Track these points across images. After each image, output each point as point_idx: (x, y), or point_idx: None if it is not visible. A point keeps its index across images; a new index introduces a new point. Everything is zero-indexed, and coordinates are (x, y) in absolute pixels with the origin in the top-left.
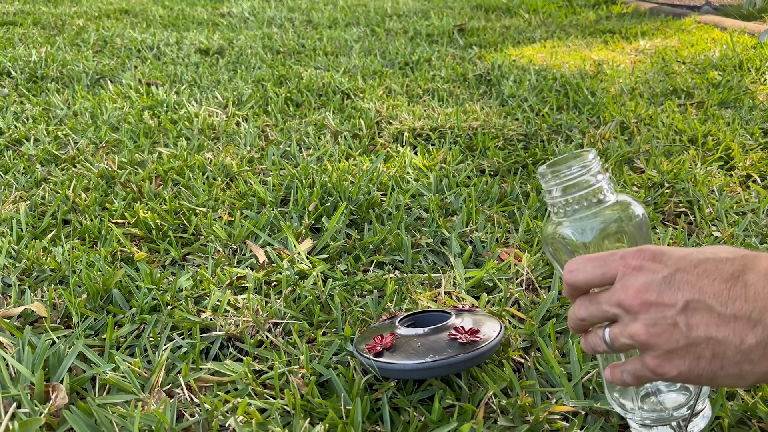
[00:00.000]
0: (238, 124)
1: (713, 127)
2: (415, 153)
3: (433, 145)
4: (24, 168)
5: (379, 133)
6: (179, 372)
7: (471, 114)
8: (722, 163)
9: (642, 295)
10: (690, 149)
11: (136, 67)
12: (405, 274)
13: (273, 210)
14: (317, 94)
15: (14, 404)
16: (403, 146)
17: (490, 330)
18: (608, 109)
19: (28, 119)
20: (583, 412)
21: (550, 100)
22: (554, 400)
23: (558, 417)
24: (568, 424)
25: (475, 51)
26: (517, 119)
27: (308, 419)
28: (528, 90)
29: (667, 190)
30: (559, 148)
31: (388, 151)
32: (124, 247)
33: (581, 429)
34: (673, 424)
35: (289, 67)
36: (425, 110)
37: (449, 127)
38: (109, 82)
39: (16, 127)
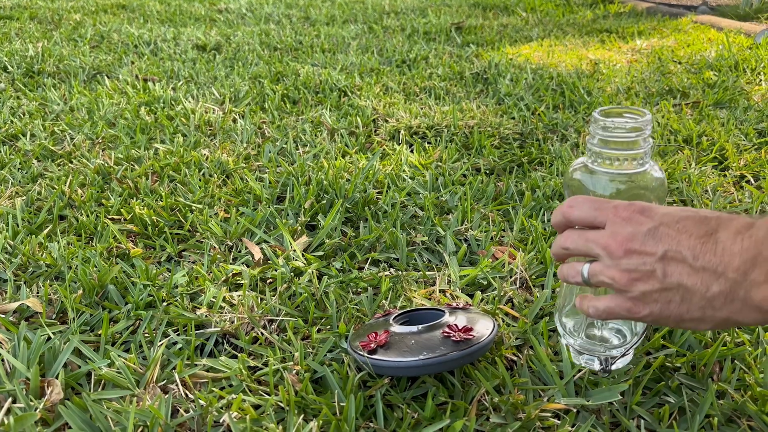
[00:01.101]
0: (234, 120)
1: (708, 127)
2: (411, 151)
3: (429, 143)
4: (20, 163)
5: (375, 131)
6: (174, 368)
7: (467, 112)
8: (716, 163)
9: (627, 243)
10: (685, 149)
11: (133, 62)
12: (400, 272)
13: (269, 207)
14: (314, 92)
15: (9, 399)
16: (399, 144)
17: (484, 328)
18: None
19: (24, 114)
20: (575, 410)
21: (546, 99)
22: (546, 398)
23: (550, 414)
24: (559, 422)
25: (473, 49)
26: (513, 118)
27: (302, 415)
28: (524, 89)
29: None
30: (554, 147)
31: (384, 149)
32: (119, 243)
33: (572, 426)
34: (602, 358)
35: (286, 64)
36: (422, 108)
37: (446, 125)
38: (105, 77)
39: (12, 122)
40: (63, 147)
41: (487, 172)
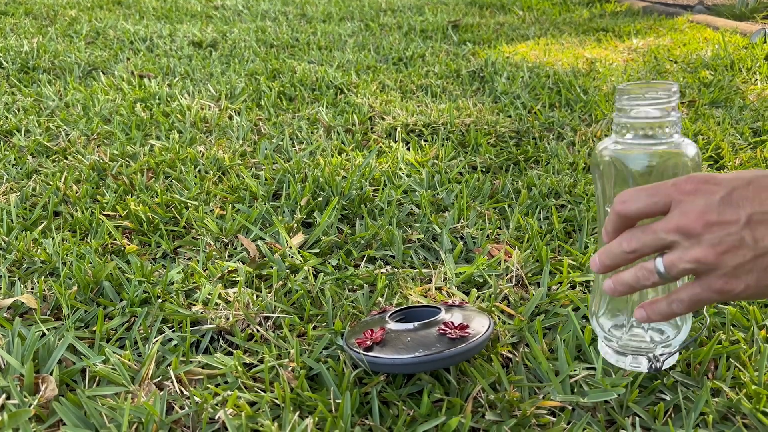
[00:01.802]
0: (230, 117)
1: (704, 126)
2: (408, 149)
3: (425, 141)
4: (15, 159)
5: (372, 128)
6: (169, 365)
7: (464, 110)
8: (712, 162)
9: (704, 217)
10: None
11: (128, 59)
12: (396, 270)
13: (265, 204)
14: (310, 89)
15: (3, 395)
16: (395, 142)
17: (479, 326)
18: (600, 107)
19: (19, 110)
20: (570, 408)
21: (542, 98)
22: (542, 395)
23: (545, 412)
24: (555, 419)
25: (469, 47)
26: (510, 116)
27: (298, 412)
28: (521, 87)
29: None
30: (550, 145)
31: (380, 147)
32: (115, 239)
33: (568, 424)
34: (650, 355)
35: (282, 61)
36: (418, 106)
37: (442, 123)
38: (101, 73)
39: (7, 117)
40: (58, 143)
41: (484, 170)
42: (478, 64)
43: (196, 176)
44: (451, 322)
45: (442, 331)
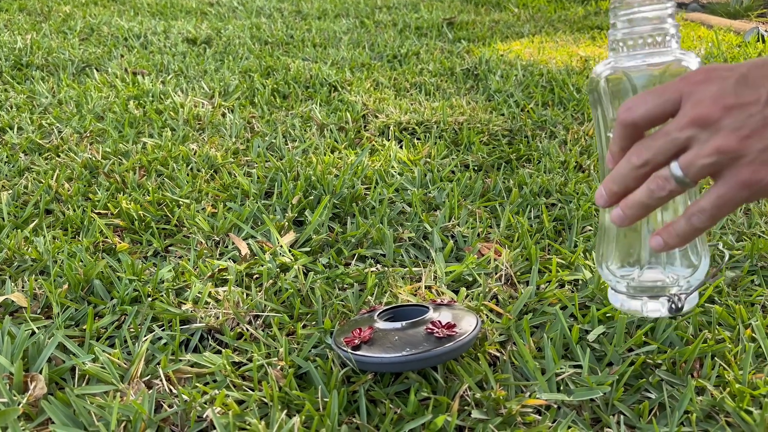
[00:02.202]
0: (224, 115)
1: None
2: (401, 147)
3: (418, 139)
4: (7, 156)
5: (365, 126)
6: (158, 363)
7: (457, 108)
8: None
9: (721, 101)
10: None
11: (122, 56)
12: (386, 268)
13: (257, 203)
14: (304, 86)
15: None
16: (388, 140)
17: (467, 325)
18: None
19: (12, 107)
20: (556, 406)
21: (535, 96)
22: (528, 394)
23: (531, 410)
24: (540, 418)
25: (464, 45)
26: (503, 114)
27: (285, 411)
28: (514, 85)
29: None
30: (542, 144)
31: (373, 145)
32: (106, 237)
33: (553, 422)
34: (671, 294)
35: (276, 58)
36: (412, 104)
37: (435, 121)
38: (95, 70)
39: None
40: (50, 140)
41: (476, 168)
42: (473, 62)
43: (188, 174)
44: (439, 321)
45: (429, 330)
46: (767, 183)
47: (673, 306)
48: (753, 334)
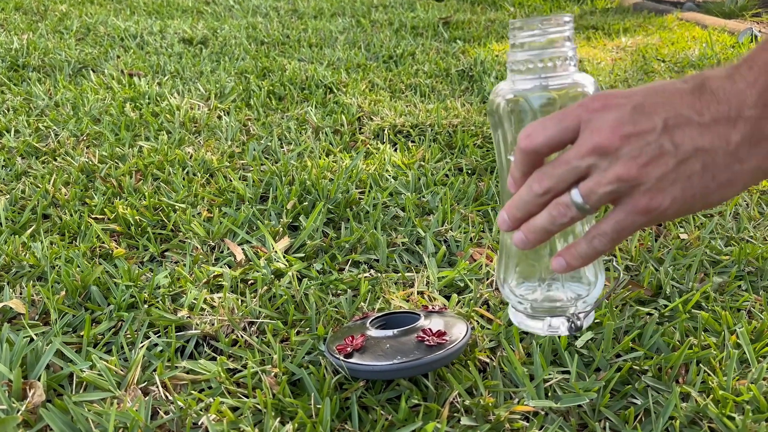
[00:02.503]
0: (219, 117)
1: None
2: (395, 150)
3: (413, 142)
4: (4, 160)
5: (360, 129)
6: (155, 370)
7: (452, 111)
8: None
9: (619, 130)
10: None
11: (119, 56)
12: (379, 274)
13: (252, 208)
14: (300, 88)
15: None
16: (383, 143)
17: (457, 332)
18: None
19: (9, 110)
20: (543, 412)
21: None
22: (516, 400)
23: (519, 417)
24: (528, 424)
25: (459, 45)
26: None
27: (279, 418)
28: None
29: None
30: None
31: (368, 148)
32: (103, 242)
33: (540, 429)
34: (569, 314)
35: (272, 59)
36: (407, 106)
37: (429, 124)
38: (91, 71)
39: None
40: (47, 144)
41: (469, 171)
42: (468, 63)
43: (184, 178)
44: (430, 329)
45: (420, 339)
46: (664, 209)
47: (573, 325)
48: (738, 341)
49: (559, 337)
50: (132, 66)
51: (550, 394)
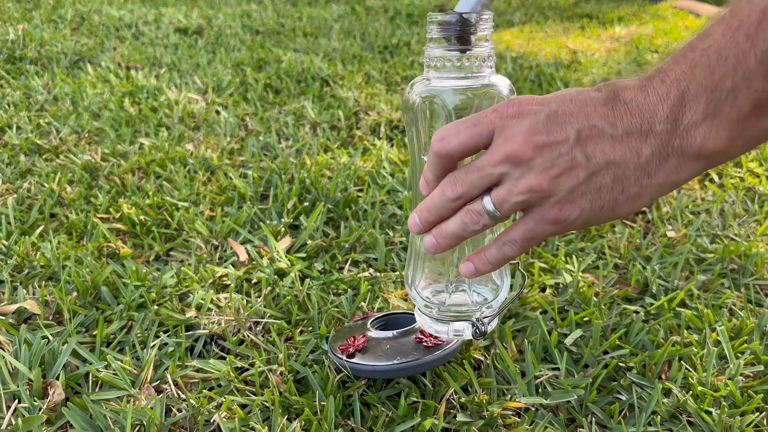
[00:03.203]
0: (218, 112)
1: None
2: (392, 145)
3: None
4: (8, 158)
5: (357, 123)
6: (166, 369)
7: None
8: None
9: (532, 139)
10: None
11: (115, 48)
12: (378, 273)
13: (253, 207)
14: (296, 80)
15: (15, 401)
16: (379, 139)
17: None
18: None
19: (9, 105)
20: (534, 408)
21: (524, 92)
22: (509, 396)
23: (511, 413)
24: (520, 420)
25: None
26: None
27: (286, 416)
28: None
29: None
30: None
31: (365, 145)
32: (109, 242)
33: (531, 424)
34: (474, 319)
35: (268, 50)
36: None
37: None
38: (88, 63)
39: None
40: (49, 140)
41: None
42: None
43: (185, 176)
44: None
45: (418, 340)
46: (573, 220)
47: (477, 330)
48: (718, 338)
49: (549, 334)
50: (129, 58)
51: (540, 390)
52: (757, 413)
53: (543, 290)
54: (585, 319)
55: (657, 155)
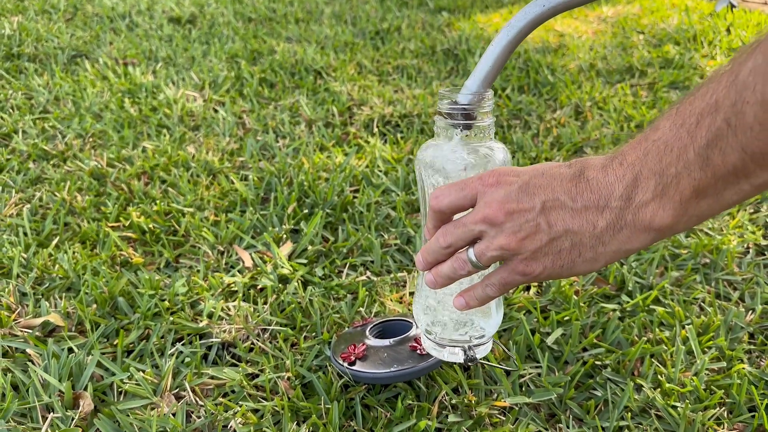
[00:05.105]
0: (215, 110)
1: (659, 113)
2: (385, 142)
3: (401, 133)
4: (17, 166)
5: (351, 119)
6: (185, 377)
7: (438, 97)
8: None
9: (504, 206)
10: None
11: (111, 42)
12: (375, 278)
13: (255, 213)
14: (290, 73)
15: (51, 414)
16: (373, 136)
17: None
18: (566, 90)
19: (13, 109)
20: (518, 407)
21: (512, 80)
22: (495, 396)
23: (497, 412)
24: (505, 418)
25: (444, 17)
26: None
27: (296, 420)
28: None
29: None
30: (516, 135)
31: (359, 142)
32: (121, 250)
33: (515, 422)
34: (466, 347)
35: (261, 40)
36: (395, 91)
37: (417, 113)
38: (86, 59)
39: (2, 118)
40: (55, 145)
41: None
42: (453, 40)
43: (189, 181)
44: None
45: (413, 348)
46: (537, 274)
47: (467, 356)
48: (687, 335)
49: (533, 334)
50: (125, 53)
51: (524, 389)
52: (719, 407)
53: (527, 289)
54: (566, 318)
55: (611, 227)
